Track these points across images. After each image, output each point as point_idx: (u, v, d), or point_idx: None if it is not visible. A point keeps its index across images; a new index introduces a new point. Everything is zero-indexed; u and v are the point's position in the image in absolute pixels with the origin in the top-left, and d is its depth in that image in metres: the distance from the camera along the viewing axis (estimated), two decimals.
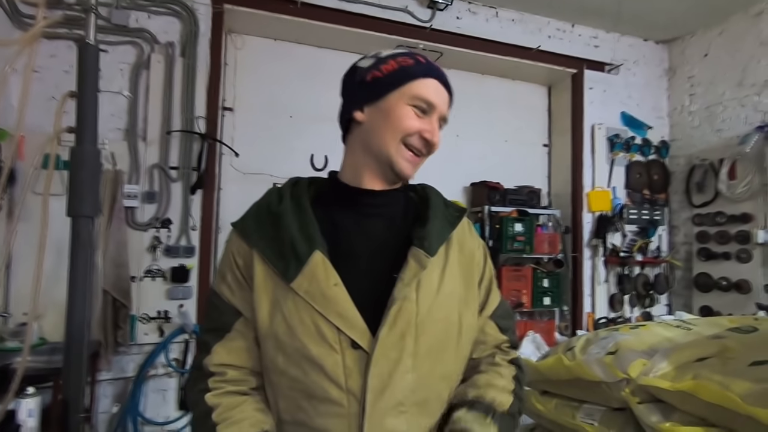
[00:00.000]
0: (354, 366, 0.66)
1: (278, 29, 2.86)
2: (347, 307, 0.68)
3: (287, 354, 0.68)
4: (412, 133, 0.73)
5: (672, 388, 0.92)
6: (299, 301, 0.68)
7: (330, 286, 0.68)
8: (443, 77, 0.77)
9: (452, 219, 0.80)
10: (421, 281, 0.71)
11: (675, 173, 3.60)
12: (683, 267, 3.48)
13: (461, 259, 0.78)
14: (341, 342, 0.67)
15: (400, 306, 0.69)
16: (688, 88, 3.57)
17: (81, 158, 1.47)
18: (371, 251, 0.73)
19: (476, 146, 3.42)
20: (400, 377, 0.67)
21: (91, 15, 1.51)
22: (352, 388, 0.66)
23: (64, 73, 2.30)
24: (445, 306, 0.73)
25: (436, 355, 0.71)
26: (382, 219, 0.77)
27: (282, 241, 0.71)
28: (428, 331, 0.70)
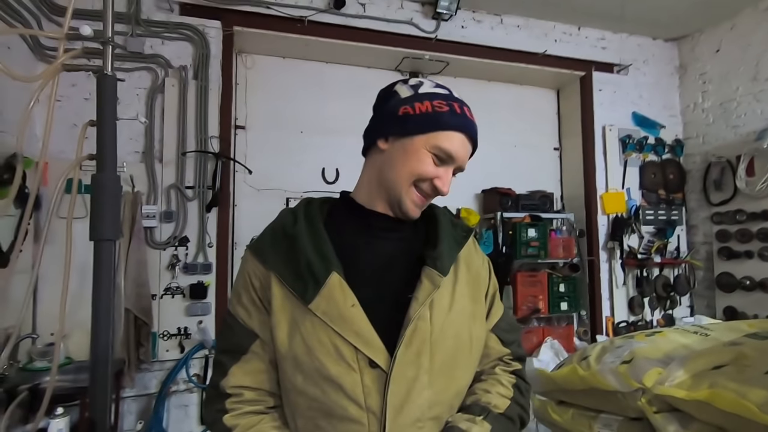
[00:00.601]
0: (372, 384, 0.68)
1: (286, 47, 2.93)
2: (364, 327, 0.69)
3: (306, 374, 0.69)
4: (425, 178, 0.75)
5: (688, 397, 0.91)
6: (317, 322, 0.69)
7: (348, 307, 0.69)
8: (471, 131, 0.78)
9: (459, 239, 0.82)
10: (434, 300, 0.73)
11: (691, 172, 3.53)
12: (704, 267, 3.40)
13: (469, 277, 0.80)
14: (359, 361, 0.68)
15: (415, 325, 0.70)
16: (701, 85, 3.52)
17: (102, 185, 1.53)
18: (384, 272, 0.75)
19: (486, 153, 3.37)
20: (417, 394, 0.69)
21: (109, 47, 1.58)
22: (371, 406, 0.67)
23: (84, 100, 2.40)
24: (457, 323, 0.75)
25: (449, 371, 0.73)
26: (393, 241, 0.79)
27: (298, 262, 0.72)
28: (442, 348, 0.72)
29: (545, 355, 2.92)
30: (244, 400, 0.73)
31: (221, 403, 0.73)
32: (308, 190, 2.96)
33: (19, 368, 2.05)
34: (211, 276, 2.51)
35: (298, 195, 2.93)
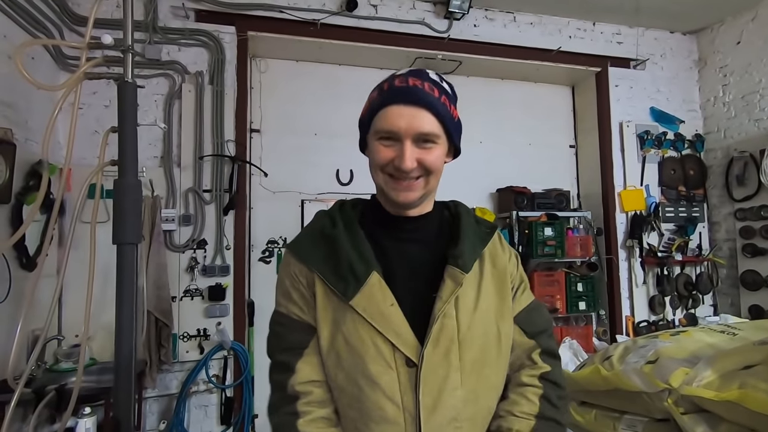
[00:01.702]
0: (407, 383, 0.69)
1: (299, 51, 2.96)
2: (402, 325, 0.71)
3: (346, 371, 0.71)
4: (384, 165, 0.74)
5: (717, 397, 0.89)
6: (358, 320, 0.71)
7: (387, 305, 0.71)
8: (403, 96, 0.72)
9: (483, 236, 0.82)
10: (459, 298, 0.74)
11: (712, 167, 3.45)
12: (727, 265, 3.31)
13: (494, 273, 0.80)
14: (396, 360, 0.70)
15: (441, 323, 0.71)
16: (721, 78, 3.43)
17: (124, 190, 1.57)
18: (410, 273, 0.76)
19: (500, 152, 3.40)
20: (449, 394, 0.69)
21: (129, 55, 1.61)
22: (407, 405, 0.68)
23: (104, 107, 2.46)
24: (484, 320, 0.75)
25: (480, 369, 0.73)
26: (417, 242, 0.79)
27: (339, 262, 0.74)
28: (471, 346, 0.72)
29: (564, 355, 2.88)
30: (314, 401, 0.73)
31: (292, 405, 0.72)
32: (323, 192, 2.98)
33: (46, 369, 2.10)
34: (229, 278, 2.55)
35: (313, 197, 2.95)
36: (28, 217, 1.71)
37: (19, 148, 1.97)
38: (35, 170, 2.08)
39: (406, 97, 0.72)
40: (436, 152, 0.74)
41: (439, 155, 0.75)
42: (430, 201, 0.83)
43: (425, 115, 0.72)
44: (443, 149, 0.76)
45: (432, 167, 0.74)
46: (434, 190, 0.80)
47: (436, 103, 0.73)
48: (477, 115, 3.36)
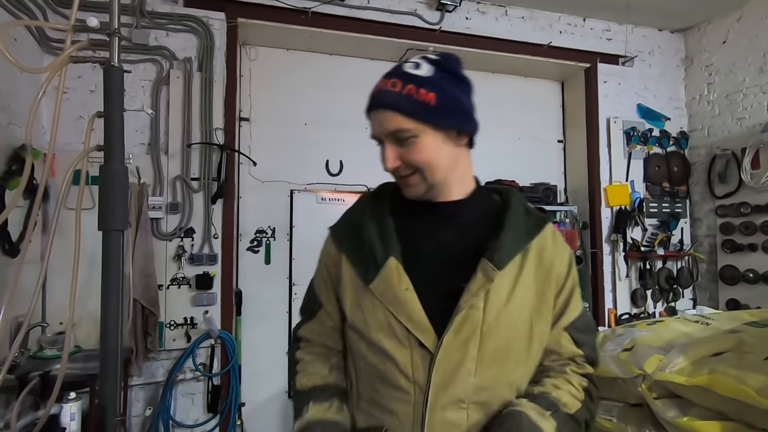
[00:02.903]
0: (420, 361, 0.73)
1: (290, 39, 2.93)
2: (416, 309, 0.74)
3: (367, 343, 0.77)
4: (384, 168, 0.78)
5: (688, 383, 0.92)
6: (375, 301, 0.76)
7: (402, 290, 0.74)
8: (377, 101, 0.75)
9: (531, 228, 0.80)
10: (490, 291, 0.74)
11: (695, 164, 3.52)
12: (707, 260, 3.40)
13: (538, 270, 0.78)
14: (410, 339, 0.74)
15: (466, 314, 0.73)
16: (707, 77, 3.49)
17: (110, 175, 1.55)
18: (443, 259, 0.77)
19: (489, 145, 3.41)
20: (461, 379, 0.72)
21: (115, 38, 1.58)
22: (418, 380, 0.73)
23: (89, 92, 2.41)
24: (514, 316, 0.75)
25: (501, 362, 0.74)
26: (455, 227, 0.79)
27: (363, 247, 0.78)
28: (494, 339, 0.73)
29: None
30: (310, 344, 0.89)
31: (297, 343, 0.90)
32: (312, 183, 2.98)
33: (29, 356, 2.09)
34: (216, 267, 2.54)
35: (302, 187, 2.95)
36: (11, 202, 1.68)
37: (1, 132, 1.93)
38: (18, 154, 2.04)
39: (373, 103, 0.76)
40: (418, 146, 0.74)
41: (423, 148, 0.74)
42: (460, 187, 0.80)
43: (388, 115, 0.73)
44: (430, 139, 0.74)
45: (417, 162, 0.74)
46: (446, 179, 0.78)
47: (395, 100, 0.73)
48: None
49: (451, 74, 0.76)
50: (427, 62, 0.75)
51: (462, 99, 0.76)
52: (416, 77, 0.73)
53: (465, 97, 0.77)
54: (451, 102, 0.74)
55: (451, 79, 0.76)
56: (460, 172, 0.79)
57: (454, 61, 0.78)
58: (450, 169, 0.77)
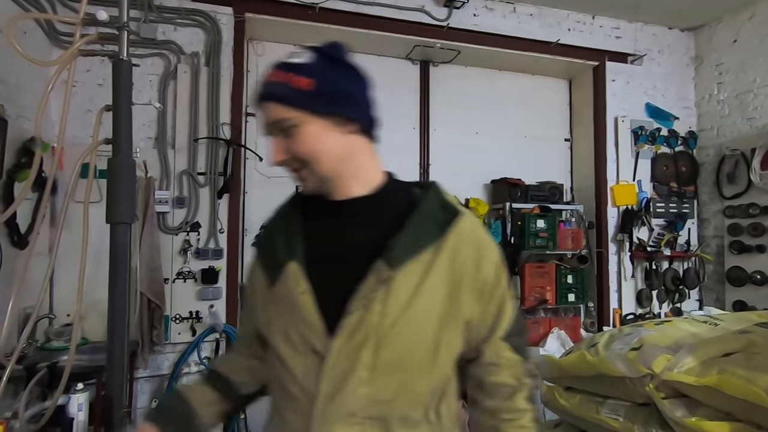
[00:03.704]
0: (313, 368, 0.69)
1: (297, 34, 2.92)
2: (310, 314, 0.70)
3: (271, 350, 0.76)
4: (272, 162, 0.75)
5: (696, 383, 0.92)
6: (276, 307, 0.75)
7: (297, 293, 0.71)
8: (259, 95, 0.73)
9: (441, 223, 0.72)
10: (389, 293, 0.67)
11: (704, 164, 3.49)
12: (714, 261, 3.38)
13: (451, 272, 0.71)
14: (305, 345, 0.70)
15: (360, 317, 0.67)
16: (717, 76, 3.46)
17: (117, 169, 1.56)
18: (344, 260, 0.73)
19: (496, 143, 3.41)
20: (352, 388, 0.67)
21: (124, 32, 1.59)
22: (308, 388, 0.69)
23: (98, 86, 2.42)
24: (417, 321, 0.68)
25: (401, 372, 0.69)
26: (358, 226, 0.74)
27: (271, 251, 0.77)
28: (391, 346, 0.67)
29: (551, 345, 2.94)
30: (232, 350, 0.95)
31: None
32: None
33: (37, 347, 2.11)
34: (222, 261, 2.55)
35: None
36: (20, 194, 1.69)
37: (11, 125, 1.94)
38: (27, 147, 2.06)
39: (261, 96, 0.73)
40: (301, 136, 0.70)
41: (306, 137, 0.70)
42: (361, 181, 0.75)
43: (268, 106, 0.72)
44: (313, 127, 0.70)
45: (301, 153, 0.70)
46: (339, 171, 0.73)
47: (271, 89, 0.71)
48: (474, 106, 3.36)
49: (333, 60, 0.72)
50: (309, 51, 0.73)
51: (344, 84, 0.71)
52: (294, 65, 0.70)
53: (349, 82, 0.72)
54: (331, 87, 0.70)
55: (333, 65, 0.72)
56: (358, 164, 0.74)
57: (337, 47, 0.74)
58: (341, 159, 0.72)
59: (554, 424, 1.42)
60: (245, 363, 0.88)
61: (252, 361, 0.87)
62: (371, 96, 0.76)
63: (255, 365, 0.87)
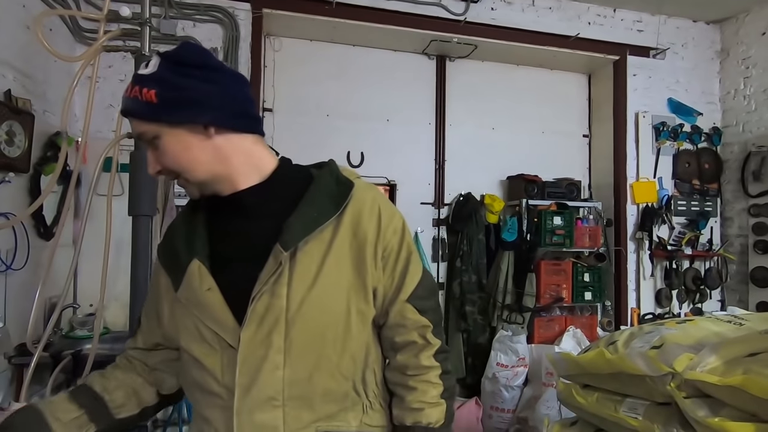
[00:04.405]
0: (229, 363, 0.69)
1: (314, 30, 2.94)
2: (219, 310, 0.70)
3: (184, 353, 0.75)
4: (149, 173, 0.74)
5: (720, 382, 0.90)
6: (183, 308, 0.74)
7: (203, 291, 0.71)
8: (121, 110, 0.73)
9: (336, 198, 0.73)
10: (294, 274, 0.69)
11: (728, 161, 3.40)
12: (738, 261, 3.29)
13: (353, 243, 0.73)
14: (219, 342, 0.71)
15: (267, 304, 0.68)
16: (743, 71, 3.35)
17: (140, 162, 1.59)
18: (244, 251, 0.73)
19: (512, 139, 3.37)
20: (268, 374, 0.68)
21: (146, 28, 1.62)
22: (227, 383, 0.69)
23: (119, 81, 2.47)
24: (325, 298, 0.70)
25: (316, 349, 0.70)
26: (253, 215, 0.74)
27: (172, 254, 0.76)
28: (302, 326, 0.69)
29: (567, 343, 2.90)
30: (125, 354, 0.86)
31: None
32: None
33: (62, 335, 2.17)
34: None
35: None
36: (47, 187, 1.74)
37: (38, 119, 2.00)
38: (53, 141, 2.11)
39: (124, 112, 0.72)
40: (164, 148, 0.69)
41: (170, 150, 0.69)
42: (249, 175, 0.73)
43: (131, 121, 0.71)
44: (174, 138, 0.69)
45: (170, 166, 0.70)
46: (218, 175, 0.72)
47: (126, 105, 0.70)
48: (491, 101, 3.33)
49: (178, 64, 0.69)
50: (155, 57, 0.70)
51: (189, 89, 0.68)
52: (142, 77, 0.69)
53: (197, 84, 0.68)
54: (175, 94, 0.68)
55: (177, 70, 0.68)
56: (238, 162, 0.72)
57: (185, 48, 0.71)
58: (215, 163, 0.71)
59: (570, 422, 1.40)
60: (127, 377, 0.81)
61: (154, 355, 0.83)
62: (234, 90, 0.73)
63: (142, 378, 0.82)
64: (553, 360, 1.41)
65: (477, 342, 3.04)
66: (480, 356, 3.01)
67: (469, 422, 2.86)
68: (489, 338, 3.03)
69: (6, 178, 1.85)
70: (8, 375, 1.89)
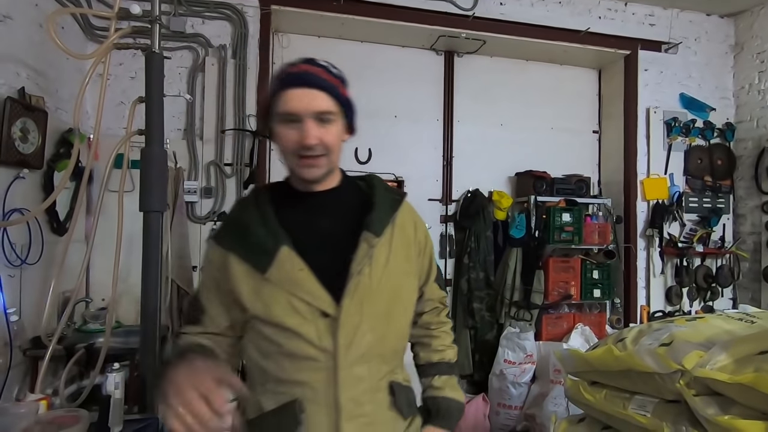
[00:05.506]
0: (325, 330, 0.83)
1: (322, 26, 2.94)
2: (313, 285, 0.83)
3: (272, 327, 0.84)
4: (292, 146, 0.83)
5: (731, 380, 0.89)
6: (274, 287, 0.84)
7: (296, 271, 0.83)
8: (298, 79, 0.82)
9: (393, 203, 0.94)
10: (372, 258, 0.87)
11: (741, 158, 3.34)
12: (750, 258, 3.24)
13: (402, 238, 0.93)
14: (312, 313, 0.83)
15: (357, 280, 0.85)
16: (758, 65, 3.29)
17: (150, 158, 1.61)
18: (320, 242, 0.88)
19: (521, 135, 3.35)
20: (360, 337, 0.84)
21: (156, 25, 1.64)
22: (325, 346, 0.83)
23: (130, 79, 2.50)
24: (392, 277, 0.89)
25: (388, 317, 0.89)
26: (327, 215, 0.90)
27: (253, 243, 0.86)
28: (380, 298, 0.87)
29: (575, 341, 2.89)
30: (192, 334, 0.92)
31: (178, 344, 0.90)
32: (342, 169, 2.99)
33: (75, 329, 2.21)
34: None
35: None
36: (60, 183, 1.77)
37: (50, 116, 2.03)
38: (65, 138, 2.14)
39: (302, 81, 0.82)
40: (333, 130, 0.84)
41: (336, 133, 0.85)
42: (335, 176, 0.92)
43: (320, 94, 0.82)
44: (340, 127, 0.86)
45: (331, 145, 0.84)
46: (336, 165, 0.90)
47: (328, 84, 0.83)
48: (499, 97, 3.31)
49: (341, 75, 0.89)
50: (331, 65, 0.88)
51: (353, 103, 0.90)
52: (335, 74, 0.86)
53: None
54: (348, 94, 0.88)
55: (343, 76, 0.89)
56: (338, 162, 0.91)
57: None
58: (339, 155, 0.89)
59: (578, 418, 1.40)
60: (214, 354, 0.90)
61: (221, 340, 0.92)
62: None
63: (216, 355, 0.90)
64: (561, 356, 1.41)
65: (485, 339, 3.04)
66: (487, 353, 3.01)
67: (476, 419, 2.87)
68: (496, 335, 3.03)
69: (20, 174, 1.88)
70: (23, 367, 1.93)
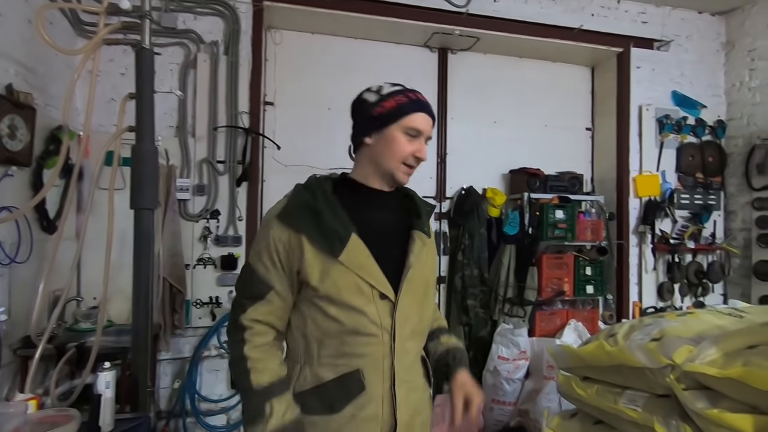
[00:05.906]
0: (384, 310, 0.98)
1: (315, 23, 2.92)
2: (377, 271, 0.98)
3: (337, 306, 0.96)
4: (407, 156, 1.01)
5: (720, 374, 0.90)
6: (343, 269, 0.95)
7: (365, 258, 0.97)
8: (428, 108, 1.04)
9: (428, 212, 1.13)
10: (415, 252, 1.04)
11: (732, 155, 3.37)
12: (741, 254, 3.27)
13: (430, 241, 1.12)
14: (374, 295, 0.97)
15: (410, 270, 1.01)
16: (749, 63, 3.31)
17: (141, 155, 1.59)
18: (379, 233, 1.02)
19: (515, 132, 3.36)
20: (411, 318, 1.01)
21: (146, 21, 1.62)
22: (385, 324, 0.97)
23: (120, 75, 2.47)
24: (426, 272, 1.08)
25: (424, 304, 1.07)
26: (387, 210, 1.07)
27: (325, 227, 0.96)
28: (419, 287, 1.04)
29: (568, 337, 2.91)
30: (256, 332, 0.98)
31: (240, 334, 0.98)
32: (335, 167, 2.96)
33: (66, 328, 2.19)
34: (241, 248, 2.59)
35: (325, 171, 2.93)
36: (49, 180, 1.75)
37: (39, 113, 2.00)
38: (55, 135, 2.12)
39: (429, 110, 1.04)
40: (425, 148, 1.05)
41: None
42: None
43: (431, 122, 1.05)
44: None
45: (424, 158, 1.03)
46: None
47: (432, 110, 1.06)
48: (493, 94, 3.31)
49: None
50: None
51: None
52: None
53: None
54: None
55: None
56: None
57: None
58: None
59: (571, 414, 1.41)
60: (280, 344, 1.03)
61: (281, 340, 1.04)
62: None
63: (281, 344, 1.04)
64: (553, 352, 1.41)
65: (479, 335, 3.05)
66: (481, 349, 3.02)
67: None
68: (490, 331, 3.04)
69: (8, 172, 1.86)
70: (13, 367, 1.91)
